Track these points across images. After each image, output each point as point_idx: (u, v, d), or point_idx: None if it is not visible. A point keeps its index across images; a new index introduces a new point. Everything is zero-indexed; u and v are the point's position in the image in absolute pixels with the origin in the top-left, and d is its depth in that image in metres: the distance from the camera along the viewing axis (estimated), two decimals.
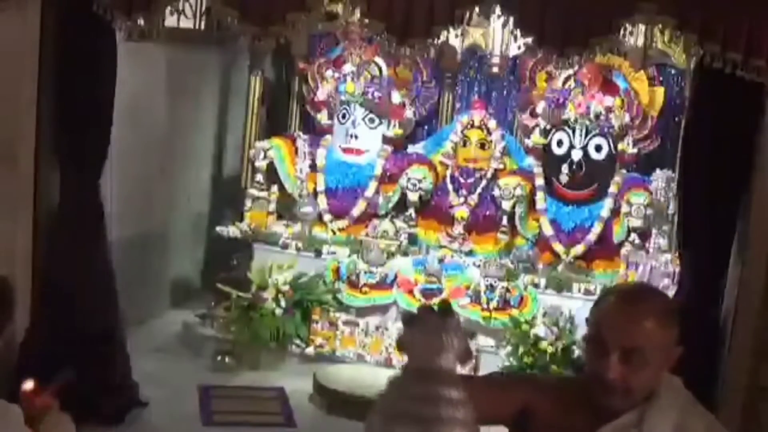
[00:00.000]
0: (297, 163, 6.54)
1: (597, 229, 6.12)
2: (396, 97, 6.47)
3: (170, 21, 4.52)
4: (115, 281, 4.86)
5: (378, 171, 6.44)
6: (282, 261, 6.10)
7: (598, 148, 6.15)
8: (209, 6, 4.24)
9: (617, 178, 6.15)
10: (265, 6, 4.05)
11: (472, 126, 6.41)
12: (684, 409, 2.07)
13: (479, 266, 6.03)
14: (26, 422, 2.60)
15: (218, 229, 6.50)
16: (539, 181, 6.26)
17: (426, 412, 1.76)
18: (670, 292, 4.99)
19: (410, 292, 6.02)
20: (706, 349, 4.20)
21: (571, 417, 2.09)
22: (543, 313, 5.80)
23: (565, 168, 6.18)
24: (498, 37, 6.02)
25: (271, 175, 6.54)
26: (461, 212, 6.34)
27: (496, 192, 6.24)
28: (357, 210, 6.45)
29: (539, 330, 5.67)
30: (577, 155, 6.14)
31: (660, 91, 6.21)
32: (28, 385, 2.74)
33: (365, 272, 6.07)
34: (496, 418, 2.15)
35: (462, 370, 1.84)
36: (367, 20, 4.06)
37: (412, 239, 6.41)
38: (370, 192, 6.45)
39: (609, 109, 6.07)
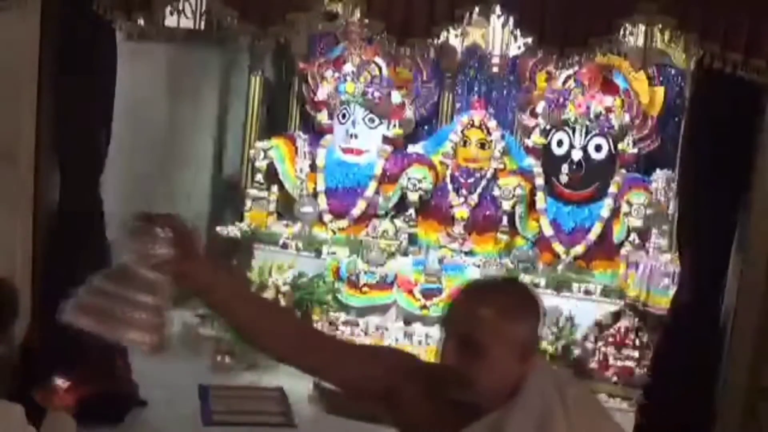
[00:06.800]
0: (297, 163, 6.54)
1: (597, 229, 6.12)
2: (396, 97, 6.46)
3: (170, 21, 4.52)
4: None
5: (378, 171, 6.44)
6: (282, 261, 6.10)
7: (598, 148, 6.15)
8: (209, 6, 4.24)
9: (617, 178, 6.15)
10: (265, 6, 4.05)
11: (472, 126, 6.40)
12: (549, 406, 1.97)
13: (479, 266, 6.03)
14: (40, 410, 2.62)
15: (218, 229, 6.50)
16: (539, 181, 6.26)
17: (114, 310, 1.87)
18: (670, 292, 5.00)
19: (410, 292, 6.02)
20: (706, 349, 4.21)
21: (437, 408, 2.03)
22: (543, 313, 5.79)
23: (565, 168, 6.18)
24: (498, 37, 6.01)
25: (271, 175, 6.54)
26: (461, 212, 6.34)
27: (496, 192, 6.23)
28: (357, 210, 6.45)
29: None
30: (577, 155, 6.14)
31: (660, 91, 6.21)
32: (61, 382, 2.78)
33: (365, 272, 6.07)
34: (364, 387, 2.14)
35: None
36: (367, 20, 4.06)
37: (412, 239, 6.41)
38: (370, 192, 6.45)
39: (609, 109, 6.06)
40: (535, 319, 2.06)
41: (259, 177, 6.53)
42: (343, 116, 6.53)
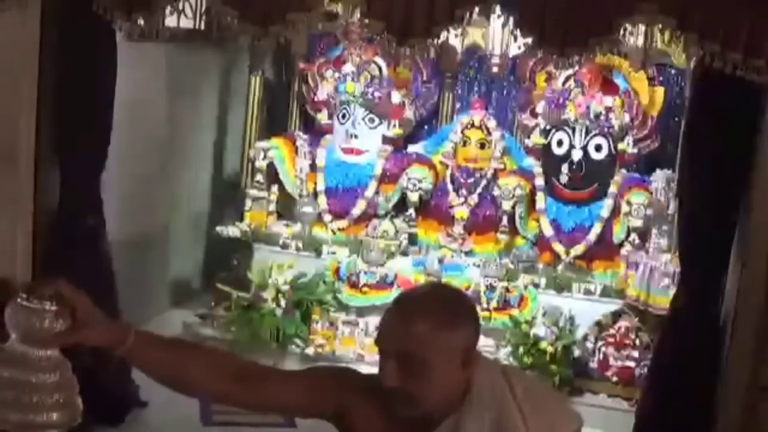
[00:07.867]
0: (297, 163, 6.54)
1: (597, 229, 6.12)
2: (396, 97, 6.46)
3: (170, 21, 4.52)
4: (115, 281, 4.86)
5: (378, 171, 6.44)
6: (282, 261, 6.10)
7: (598, 148, 6.15)
8: (209, 6, 4.23)
9: (617, 178, 6.15)
10: (265, 6, 4.05)
11: (472, 126, 6.40)
12: (501, 403, 1.94)
13: (479, 266, 6.03)
14: None
15: (218, 229, 6.50)
16: (539, 181, 6.26)
17: (16, 397, 1.73)
18: (670, 292, 5.00)
19: None
20: (706, 349, 4.20)
21: (390, 423, 1.98)
22: (543, 313, 5.80)
23: (565, 168, 6.18)
24: (498, 37, 6.01)
25: (271, 175, 6.54)
26: (461, 212, 6.34)
27: (496, 192, 6.23)
28: (357, 210, 6.45)
29: (539, 330, 5.67)
30: (577, 155, 6.14)
31: (660, 91, 6.21)
32: None
33: (365, 272, 6.07)
34: (310, 411, 2.09)
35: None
36: (367, 20, 4.06)
37: (412, 239, 6.41)
38: (370, 192, 6.45)
39: (609, 109, 6.06)
40: (471, 322, 2.00)
41: (259, 177, 6.53)
42: (343, 116, 6.53)
